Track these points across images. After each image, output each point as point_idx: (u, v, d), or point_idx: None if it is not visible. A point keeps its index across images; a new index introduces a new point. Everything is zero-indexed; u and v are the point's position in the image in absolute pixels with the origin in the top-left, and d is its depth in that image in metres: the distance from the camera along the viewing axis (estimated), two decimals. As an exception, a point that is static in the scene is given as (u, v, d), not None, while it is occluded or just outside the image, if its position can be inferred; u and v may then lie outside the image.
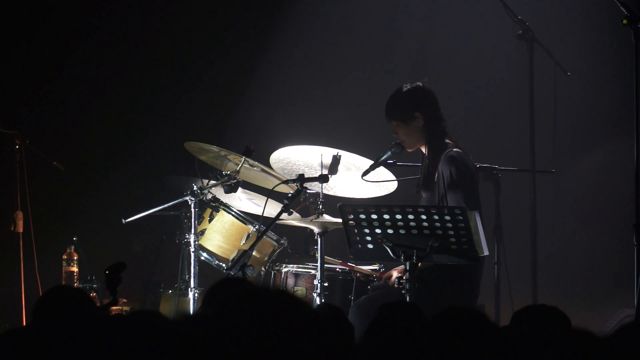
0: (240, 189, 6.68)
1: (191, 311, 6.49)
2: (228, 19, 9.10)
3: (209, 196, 6.72)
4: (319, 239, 6.19)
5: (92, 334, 2.51)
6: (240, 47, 9.18)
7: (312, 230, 6.36)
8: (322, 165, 6.39)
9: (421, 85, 6.24)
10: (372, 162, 6.20)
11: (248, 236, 6.75)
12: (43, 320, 2.85)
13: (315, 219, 6.24)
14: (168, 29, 8.98)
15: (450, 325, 2.62)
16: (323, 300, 6.15)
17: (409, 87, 6.24)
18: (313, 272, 6.38)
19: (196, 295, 6.54)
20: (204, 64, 9.11)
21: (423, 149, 6.24)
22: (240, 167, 6.51)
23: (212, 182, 6.54)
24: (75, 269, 7.80)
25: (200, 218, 6.71)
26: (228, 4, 9.09)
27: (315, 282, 6.19)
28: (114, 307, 3.98)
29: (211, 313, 2.43)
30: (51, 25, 8.88)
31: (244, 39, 9.18)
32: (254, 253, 6.48)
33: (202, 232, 6.74)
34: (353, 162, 6.44)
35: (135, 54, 8.98)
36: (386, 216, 5.47)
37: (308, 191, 6.32)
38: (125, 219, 6.66)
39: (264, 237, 6.46)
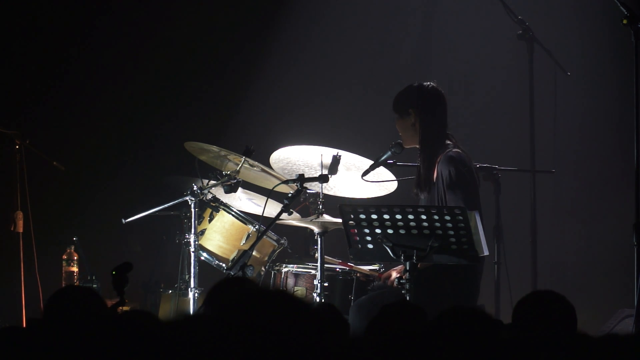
0: (240, 189, 6.68)
1: (191, 311, 6.49)
2: (228, 20, 9.09)
3: (209, 196, 6.72)
4: (319, 239, 6.19)
5: (98, 333, 2.52)
6: (240, 47, 9.17)
7: (312, 230, 6.36)
8: (322, 165, 6.39)
9: (427, 85, 6.24)
10: (372, 162, 6.20)
11: (248, 236, 6.75)
12: (52, 318, 2.85)
13: (315, 219, 6.24)
14: (169, 30, 8.98)
15: (455, 324, 2.62)
16: (319, 300, 6.15)
17: (416, 84, 6.26)
18: (313, 272, 6.38)
19: (196, 295, 6.54)
20: (204, 64, 9.10)
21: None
22: (240, 167, 6.51)
23: (212, 182, 6.54)
24: (75, 269, 7.80)
25: (200, 218, 6.71)
26: (228, 5, 9.08)
27: (315, 282, 6.19)
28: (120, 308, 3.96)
29: (212, 313, 2.43)
30: (51, 25, 8.87)
31: (244, 39, 9.17)
32: (254, 253, 6.48)
33: (202, 232, 6.74)
34: (353, 162, 6.44)
35: (135, 54, 8.97)
36: (386, 216, 5.47)
37: (308, 191, 6.32)
38: (125, 219, 6.66)
39: (264, 237, 6.46)
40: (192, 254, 6.55)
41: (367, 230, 5.53)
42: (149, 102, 9.02)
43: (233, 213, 6.77)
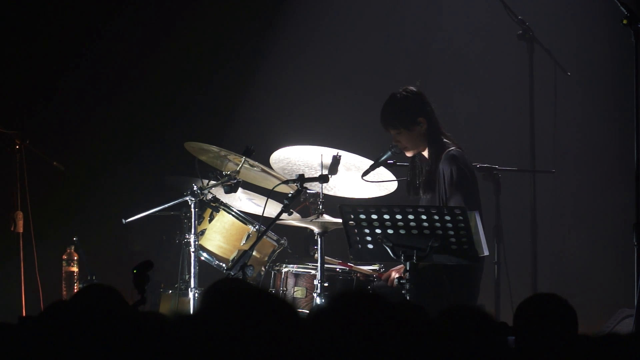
0: (240, 189, 6.68)
1: (191, 311, 6.49)
2: (228, 20, 9.09)
3: (209, 196, 6.72)
4: (319, 239, 6.19)
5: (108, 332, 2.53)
6: (240, 47, 9.17)
7: (312, 230, 6.36)
8: (322, 165, 6.39)
9: (416, 89, 6.25)
10: (372, 162, 6.20)
11: (248, 236, 6.75)
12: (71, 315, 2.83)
13: (315, 219, 6.24)
14: (169, 30, 8.98)
15: (456, 324, 2.62)
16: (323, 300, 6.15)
17: (405, 93, 6.24)
18: (313, 272, 6.38)
19: (196, 295, 6.54)
20: (204, 64, 9.10)
21: (423, 152, 6.26)
22: (240, 167, 6.51)
23: (212, 182, 6.54)
24: (75, 269, 7.80)
25: (200, 218, 6.71)
26: (228, 5, 9.08)
27: (315, 282, 6.19)
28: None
29: (197, 313, 2.44)
30: (52, 25, 8.87)
31: (245, 40, 9.17)
32: (254, 253, 6.48)
33: (202, 232, 6.74)
34: (353, 162, 6.44)
35: (135, 54, 8.97)
36: (386, 216, 5.47)
37: (308, 191, 6.32)
38: (125, 219, 6.66)
39: (264, 237, 6.47)
40: (192, 254, 6.55)
41: (367, 230, 5.53)
42: (149, 102, 9.02)
43: (233, 213, 6.77)
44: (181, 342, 2.40)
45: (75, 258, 7.82)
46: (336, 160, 6.35)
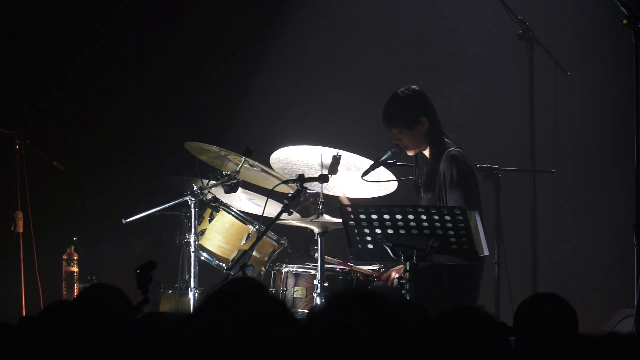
0: (240, 189, 6.68)
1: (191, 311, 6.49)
2: (228, 19, 9.09)
3: (209, 196, 6.72)
4: (319, 239, 6.19)
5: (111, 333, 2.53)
6: (240, 47, 9.17)
7: (312, 230, 6.36)
8: (322, 165, 6.39)
9: (418, 88, 6.24)
10: (372, 162, 6.20)
11: (248, 236, 6.75)
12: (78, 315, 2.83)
13: (315, 219, 6.24)
14: (169, 30, 8.98)
15: (456, 324, 2.62)
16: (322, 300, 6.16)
17: (407, 92, 6.22)
18: (313, 272, 6.38)
19: (196, 295, 6.54)
20: (204, 64, 9.10)
21: (424, 151, 6.25)
22: (240, 167, 6.51)
23: (212, 182, 6.54)
24: (75, 269, 7.80)
25: (200, 218, 6.71)
26: (228, 5, 9.08)
27: (315, 282, 6.19)
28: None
29: (200, 313, 2.44)
30: (52, 25, 8.87)
31: (245, 40, 9.17)
32: (254, 253, 6.48)
33: (202, 232, 6.74)
34: (353, 162, 6.44)
35: (135, 54, 8.97)
36: (386, 216, 5.47)
37: (308, 191, 6.32)
38: (125, 219, 6.66)
39: (264, 237, 6.47)
40: (192, 254, 6.55)
41: (367, 230, 5.53)
42: (149, 102, 9.02)
43: (233, 213, 6.77)
44: (183, 343, 2.40)
45: (75, 258, 7.82)
46: (336, 160, 6.36)
